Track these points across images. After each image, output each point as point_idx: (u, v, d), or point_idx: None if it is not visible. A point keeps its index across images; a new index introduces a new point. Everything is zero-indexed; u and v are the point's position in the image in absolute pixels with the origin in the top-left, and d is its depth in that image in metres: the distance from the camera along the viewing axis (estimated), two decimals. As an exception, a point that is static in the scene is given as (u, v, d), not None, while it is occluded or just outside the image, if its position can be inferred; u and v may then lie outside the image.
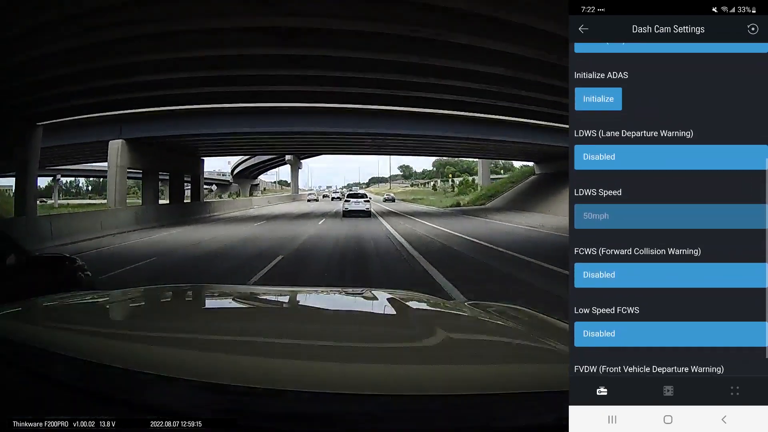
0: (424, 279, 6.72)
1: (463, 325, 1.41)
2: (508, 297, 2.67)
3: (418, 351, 1.06)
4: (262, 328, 1.29)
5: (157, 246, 11.41)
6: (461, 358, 0.99)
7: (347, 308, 1.69)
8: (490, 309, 1.55)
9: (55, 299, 1.52)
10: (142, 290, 1.77)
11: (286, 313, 1.56)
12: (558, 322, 1.30)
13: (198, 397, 0.78)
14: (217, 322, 1.36)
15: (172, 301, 1.64)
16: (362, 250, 10.23)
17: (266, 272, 7.28)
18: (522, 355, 1.06)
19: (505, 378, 0.85)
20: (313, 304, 1.72)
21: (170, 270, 7.83)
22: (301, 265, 8.22)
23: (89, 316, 1.36)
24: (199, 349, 1.03)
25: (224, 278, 6.82)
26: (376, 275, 7.50)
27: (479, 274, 7.30)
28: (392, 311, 1.55)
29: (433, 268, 7.54)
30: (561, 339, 1.05)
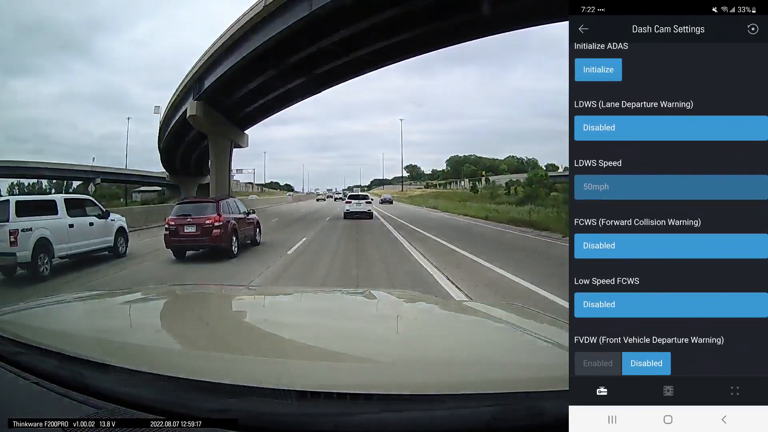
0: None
1: (463, 325, 1.40)
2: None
3: (418, 351, 1.05)
4: (262, 328, 1.28)
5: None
6: (461, 358, 0.98)
7: (347, 308, 1.68)
8: (489, 308, 1.53)
9: (55, 299, 1.51)
10: (143, 291, 1.73)
11: (286, 313, 1.55)
12: (556, 320, 1.30)
13: (198, 397, 0.77)
14: (218, 322, 1.35)
15: (171, 302, 1.63)
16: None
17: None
18: (522, 355, 1.05)
19: (505, 378, 0.85)
20: (314, 304, 1.72)
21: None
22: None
23: (90, 316, 1.34)
24: (200, 349, 1.03)
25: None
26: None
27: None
28: (392, 311, 1.55)
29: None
30: (560, 338, 1.05)
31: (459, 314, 1.60)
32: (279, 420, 0.74)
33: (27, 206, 7.76)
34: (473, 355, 1.03)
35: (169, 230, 9.44)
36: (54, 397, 0.84)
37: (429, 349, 1.08)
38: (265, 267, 8.34)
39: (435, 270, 7.75)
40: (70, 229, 8.31)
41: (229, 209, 10.10)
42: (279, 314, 1.53)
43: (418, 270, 7.89)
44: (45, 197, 9.49)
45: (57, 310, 1.42)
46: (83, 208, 9.17)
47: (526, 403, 0.75)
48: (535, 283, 6.34)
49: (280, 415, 0.74)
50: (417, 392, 0.77)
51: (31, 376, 0.90)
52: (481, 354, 1.06)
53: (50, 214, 8.04)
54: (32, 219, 7.57)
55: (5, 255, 7.12)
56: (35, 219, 7.63)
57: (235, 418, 0.73)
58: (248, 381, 0.78)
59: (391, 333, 1.27)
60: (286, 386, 0.76)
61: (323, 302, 1.76)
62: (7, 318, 1.22)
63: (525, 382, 0.82)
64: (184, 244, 9.52)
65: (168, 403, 0.78)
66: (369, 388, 0.77)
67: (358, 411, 0.74)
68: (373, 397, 0.75)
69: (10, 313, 1.27)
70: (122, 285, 6.58)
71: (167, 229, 9.49)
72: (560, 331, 1.18)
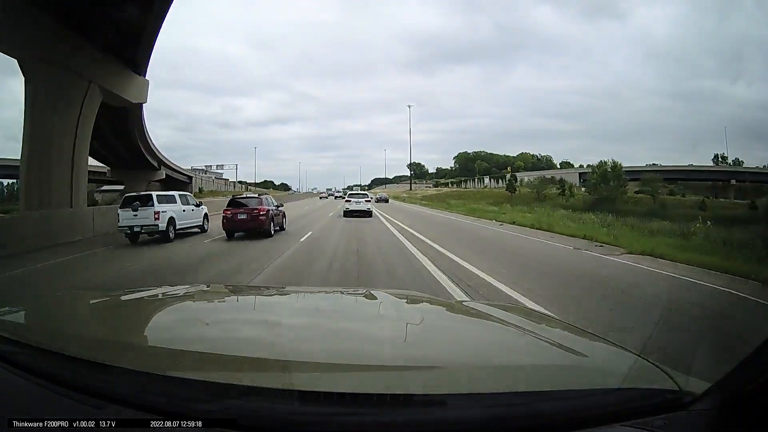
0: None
1: (463, 325, 1.41)
2: None
3: (418, 351, 1.06)
4: (262, 328, 1.29)
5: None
6: (461, 358, 1.00)
7: (347, 309, 1.68)
8: (489, 309, 1.56)
9: (56, 300, 1.60)
10: (143, 291, 1.75)
11: (286, 313, 1.54)
12: (554, 319, 1.38)
13: (198, 397, 0.78)
14: (218, 322, 1.37)
15: (171, 302, 1.63)
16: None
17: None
18: (522, 355, 1.06)
19: (505, 377, 0.88)
20: (313, 304, 1.71)
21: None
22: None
23: (90, 317, 1.37)
24: (200, 350, 1.01)
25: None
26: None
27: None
28: (392, 311, 1.55)
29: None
30: (561, 338, 1.10)
31: (459, 314, 1.60)
32: (279, 420, 0.74)
33: (161, 198, 13.27)
34: (473, 356, 1.02)
35: (225, 217, 13.44)
36: (54, 397, 0.84)
37: (429, 349, 1.07)
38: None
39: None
40: (182, 213, 13.88)
41: (268, 202, 14.42)
42: (279, 314, 1.51)
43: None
44: (169, 193, 14.49)
45: (57, 310, 1.43)
46: (187, 200, 14.75)
47: (526, 403, 0.76)
48: None
49: (280, 415, 0.74)
50: (417, 392, 0.78)
51: (32, 376, 0.89)
52: (481, 354, 1.05)
53: (173, 203, 13.61)
54: (165, 205, 13.10)
55: (150, 226, 12.63)
56: (167, 205, 13.17)
57: (234, 418, 0.73)
58: (248, 381, 0.79)
59: (390, 333, 1.24)
60: (285, 386, 0.77)
61: (323, 302, 1.74)
62: (8, 318, 1.22)
63: (525, 382, 0.83)
64: (237, 227, 13.40)
65: (168, 403, 0.78)
66: (369, 388, 0.78)
67: (358, 411, 0.74)
68: (372, 397, 0.76)
69: (10, 313, 1.26)
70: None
71: (224, 217, 13.48)
72: (560, 332, 1.22)
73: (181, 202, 14.11)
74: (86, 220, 14.52)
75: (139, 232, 12.69)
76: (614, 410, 0.81)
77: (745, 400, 0.77)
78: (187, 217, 14.26)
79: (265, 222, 13.69)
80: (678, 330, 3.95)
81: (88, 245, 12.26)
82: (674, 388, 0.89)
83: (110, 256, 10.58)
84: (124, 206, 12.91)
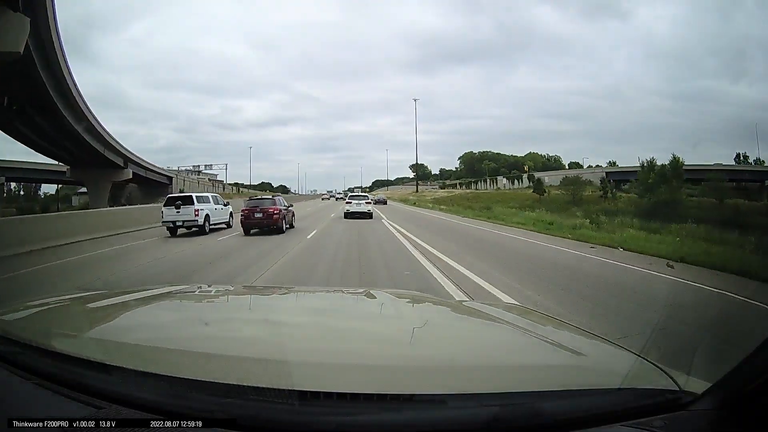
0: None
1: (463, 325, 1.41)
2: None
3: (418, 351, 1.07)
4: (262, 328, 1.29)
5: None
6: (461, 358, 1.00)
7: (348, 308, 1.68)
8: (490, 309, 1.57)
9: (56, 300, 1.55)
10: (142, 291, 1.74)
11: (286, 313, 1.54)
12: (554, 319, 1.36)
13: (198, 397, 0.78)
14: (218, 322, 1.37)
15: (171, 302, 1.63)
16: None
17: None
18: (522, 355, 1.06)
19: (506, 377, 0.88)
20: (314, 304, 1.72)
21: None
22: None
23: (90, 317, 1.35)
24: (200, 349, 1.01)
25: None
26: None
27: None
28: (392, 311, 1.56)
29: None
30: (561, 339, 1.09)
31: (459, 314, 1.61)
32: (279, 420, 0.74)
33: (199, 198, 16.18)
34: (473, 355, 1.02)
35: (243, 215, 15.27)
36: (54, 397, 0.83)
37: (429, 349, 1.08)
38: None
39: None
40: (214, 210, 16.82)
41: (280, 203, 16.43)
42: (279, 314, 1.51)
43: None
44: (204, 194, 17.41)
45: (57, 310, 1.41)
46: (218, 200, 17.77)
47: (526, 403, 0.76)
48: None
49: (280, 415, 0.74)
50: (417, 392, 0.77)
51: (32, 376, 0.89)
52: (481, 354, 1.05)
53: (208, 203, 16.59)
54: (202, 204, 16.01)
55: (191, 221, 15.51)
56: (203, 204, 16.10)
57: (234, 418, 0.73)
58: (248, 381, 0.78)
59: (391, 333, 1.25)
60: (285, 386, 0.76)
61: (323, 302, 1.75)
62: (9, 318, 1.22)
63: (525, 382, 0.83)
64: (253, 225, 15.13)
65: (168, 403, 0.78)
66: (369, 388, 0.78)
67: (358, 411, 0.74)
68: (373, 397, 0.75)
69: (11, 313, 1.26)
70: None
71: (242, 215, 15.31)
72: (561, 332, 1.21)
73: (213, 202, 17.12)
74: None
75: (180, 226, 15.51)
76: (614, 410, 0.83)
77: (745, 400, 0.79)
78: (218, 215, 17.19)
79: (278, 220, 15.61)
80: None
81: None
82: (674, 387, 0.91)
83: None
84: (167, 204, 15.82)
